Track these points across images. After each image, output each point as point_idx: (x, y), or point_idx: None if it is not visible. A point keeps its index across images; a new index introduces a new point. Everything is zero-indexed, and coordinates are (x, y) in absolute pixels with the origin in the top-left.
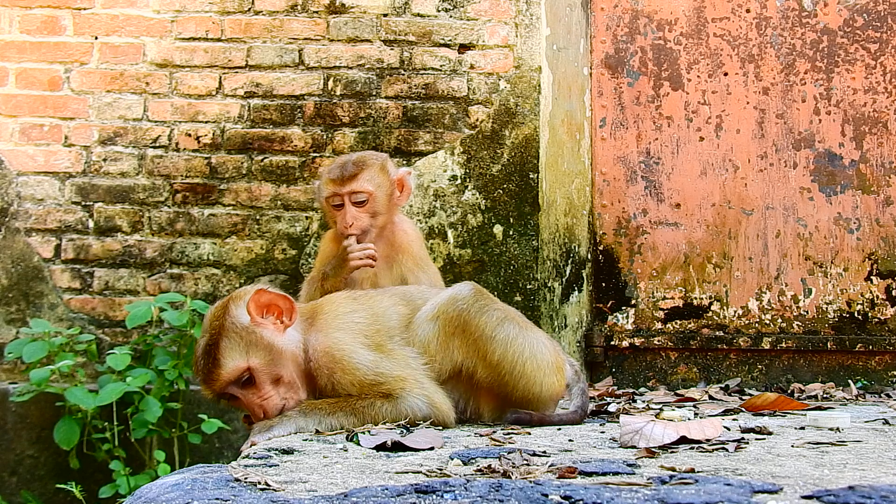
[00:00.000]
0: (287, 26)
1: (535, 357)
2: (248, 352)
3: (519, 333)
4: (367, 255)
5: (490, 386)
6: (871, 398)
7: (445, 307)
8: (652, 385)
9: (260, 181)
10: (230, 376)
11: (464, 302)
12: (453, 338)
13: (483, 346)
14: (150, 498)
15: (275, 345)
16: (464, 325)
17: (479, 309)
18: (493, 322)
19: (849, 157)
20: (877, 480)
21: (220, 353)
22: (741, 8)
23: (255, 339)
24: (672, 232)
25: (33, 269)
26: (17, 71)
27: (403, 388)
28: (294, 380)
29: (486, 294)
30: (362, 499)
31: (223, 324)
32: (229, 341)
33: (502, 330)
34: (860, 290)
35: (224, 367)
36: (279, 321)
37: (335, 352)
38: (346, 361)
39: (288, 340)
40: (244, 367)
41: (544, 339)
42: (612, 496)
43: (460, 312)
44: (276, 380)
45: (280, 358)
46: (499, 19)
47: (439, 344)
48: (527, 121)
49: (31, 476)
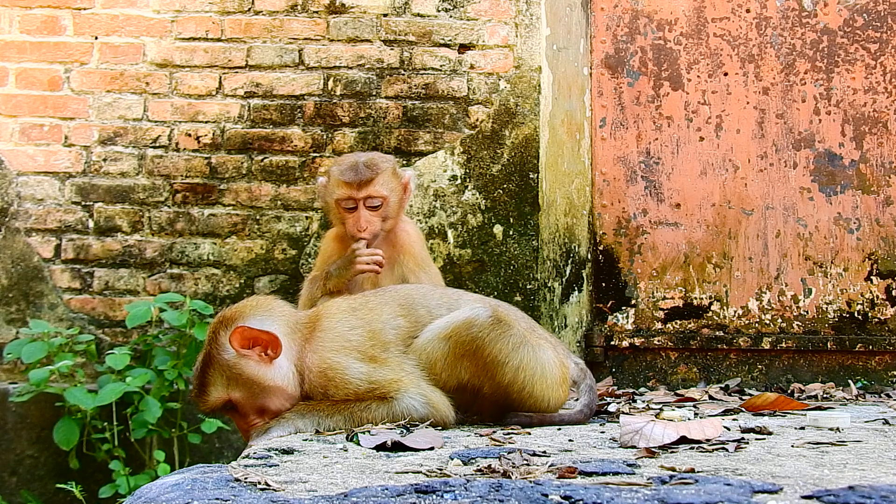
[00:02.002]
0: (287, 26)
1: (545, 377)
2: (229, 385)
3: (532, 357)
4: (374, 260)
5: (495, 400)
6: (871, 398)
7: (459, 330)
8: (652, 385)
9: (260, 181)
10: (214, 404)
11: (480, 329)
12: (463, 359)
13: (493, 370)
14: (150, 498)
15: (257, 379)
16: (476, 350)
17: (496, 337)
18: (507, 349)
19: (849, 157)
20: (877, 480)
21: (207, 380)
22: (741, 8)
23: (237, 373)
24: (672, 232)
25: (33, 269)
26: (17, 71)
27: (399, 389)
28: (283, 407)
29: (503, 321)
30: (362, 499)
31: (210, 352)
32: (214, 371)
33: (516, 356)
34: (860, 290)
35: (209, 395)
36: (265, 353)
37: (328, 371)
38: (340, 379)
39: (274, 373)
40: (226, 399)
41: (552, 353)
42: (612, 496)
43: (474, 338)
44: (260, 410)
45: (263, 391)
46: (499, 19)
47: (447, 363)
48: (527, 121)
49: (31, 476)
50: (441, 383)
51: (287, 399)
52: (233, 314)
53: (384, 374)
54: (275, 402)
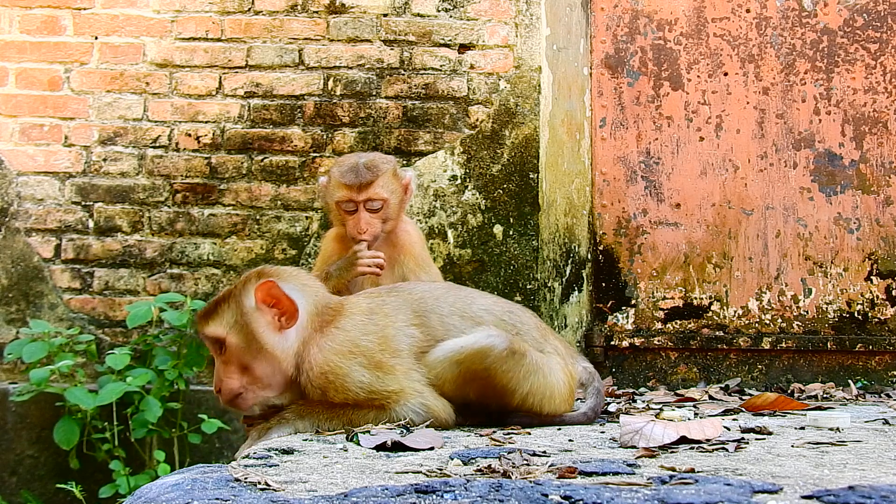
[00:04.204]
0: (287, 26)
1: (553, 398)
2: (232, 327)
3: (542, 383)
4: (375, 262)
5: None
6: (871, 398)
7: (473, 357)
8: (652, 385)
9: (260, 181)
10: (209, 334)
11: (494, 360)
12: (472, 382)
13: (502, 395)
14: (150, 498)
15: (260, 336)
16: (487, 378)
17: (508, 368)
18: (518, 377)
19: (849, 157)
20: (877, 480)
21: (216, 311)
22: (741, 8)
23: (245, 321)
24: (672, 232)
25: (33, 269)
26: (17, 71)
27: (398, 400)
28: (267, 378)
29: (517, 352)
30: (362, 499)
31: (233, 291)
32: (227, 307)
33: (526, 384)
34: (860, 290)
35: (209, 324)
36: (280, 318)
37: (329, 374)
38: (340, 384)
39: (279, 342)
40: (222, 337)
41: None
42: (612, 496)
43: (487, 368)
44: (244, 367)
45: (259, 352)
46: (499, 19)
47: (456, 384)
48: (527, 121)
49: (31, 476)
50: (446, 397)
51: (275, 372)
52: (270, 271)
53: (387, 384)
54: (263, 368)
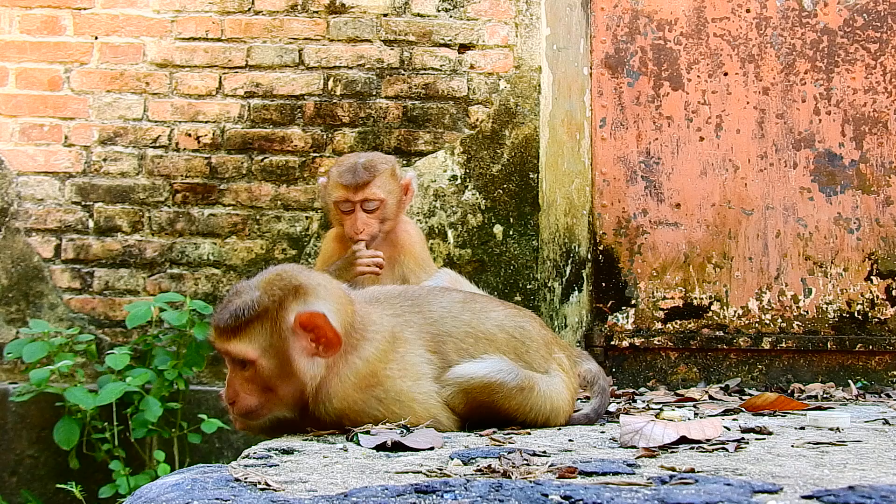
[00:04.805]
0: (287, 26)
1: (557, 415)
2: (264, 350)
3: (548, 406)
4: (375, 262)
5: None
6: (871, 398)
7: (481, 390)
8: (652, 385)
9: (260, 181)
10: (235, 353)
11: (502, 394)
12: (479, 409)
13: (506, 417)
14: (149, 498)
15: (293, 364)
16: (493, 405)
17: (517, 402)
18: (524, 407)
19: (849, 157)
20: (877, 480)
21: (246, 330)
22: (741, 8)
23: (280, 346)
24: (672, 232)
25: (33, 269)
26: (17, 71)
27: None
28: (286, 399)
29: (526, 388)
30: (362, 499)
31: (268, 307)
32: (259, 327)
33: (531, 411)
34: (860, 290)
35: (236, 342)
36: (315, 345)
37: (347, 410)
38: (356, 417)
39: (309, 367)
40: (252, 359)
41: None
42: (612, 496)
43: (494, 401)
44: (266, 388)
45: (288, 376)
46: (499, 19)
47: (461, 409)
48: (527, 121)
49: (31, 476)
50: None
51: (296, 393)
52: (306, 287)
53: (403, 416)
54: (286, 389)
